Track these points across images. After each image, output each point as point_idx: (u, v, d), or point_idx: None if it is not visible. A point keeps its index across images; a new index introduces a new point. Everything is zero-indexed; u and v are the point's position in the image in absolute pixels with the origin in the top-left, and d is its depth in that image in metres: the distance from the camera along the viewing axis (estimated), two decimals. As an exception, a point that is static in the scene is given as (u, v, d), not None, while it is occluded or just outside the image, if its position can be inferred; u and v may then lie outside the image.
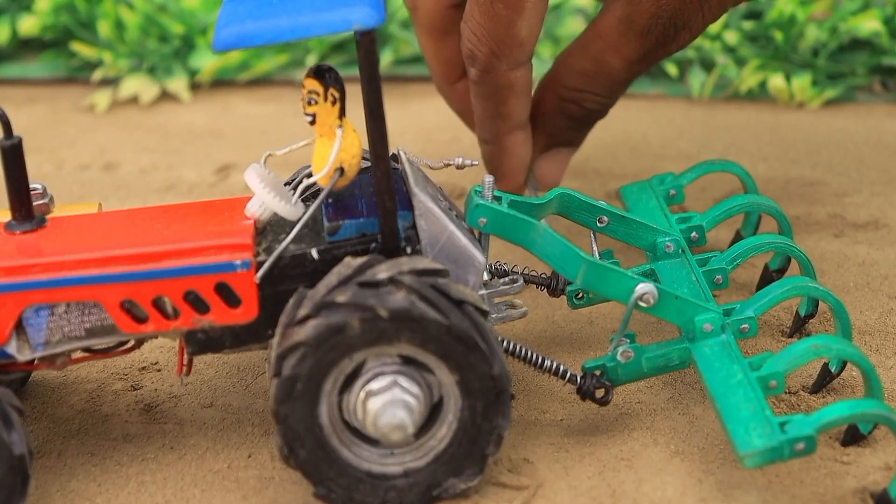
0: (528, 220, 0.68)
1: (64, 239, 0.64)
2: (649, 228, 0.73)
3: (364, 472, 0.62)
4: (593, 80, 0.78)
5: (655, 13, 0.74)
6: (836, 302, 0.69)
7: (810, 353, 0.65)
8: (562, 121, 0.80)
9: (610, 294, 0.67)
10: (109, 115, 1.12)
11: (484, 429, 0.62)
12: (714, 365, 0.65)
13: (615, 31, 0.75)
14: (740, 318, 0.67)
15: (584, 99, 0.79)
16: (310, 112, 0.62)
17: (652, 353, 0.67)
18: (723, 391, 0.63)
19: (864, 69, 1.06)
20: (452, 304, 0.60)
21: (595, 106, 0.79)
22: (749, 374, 0.64)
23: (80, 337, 0.63)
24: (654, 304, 0.66)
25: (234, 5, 0.60)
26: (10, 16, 1.21)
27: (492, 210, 0.68)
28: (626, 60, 0.76)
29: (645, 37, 0.75)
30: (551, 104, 0.80)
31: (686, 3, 0.74)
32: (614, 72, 0.77)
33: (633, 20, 0.75)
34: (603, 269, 0.67)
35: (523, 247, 0.69)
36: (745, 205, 0.77)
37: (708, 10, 0.75)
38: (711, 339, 0.67)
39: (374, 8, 0.58)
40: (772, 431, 0.60)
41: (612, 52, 0.76)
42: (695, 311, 0.67)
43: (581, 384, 0.66)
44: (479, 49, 0.75)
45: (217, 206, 0.66)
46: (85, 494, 0.66)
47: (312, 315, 0.60)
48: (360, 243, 0.63)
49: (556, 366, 0.67)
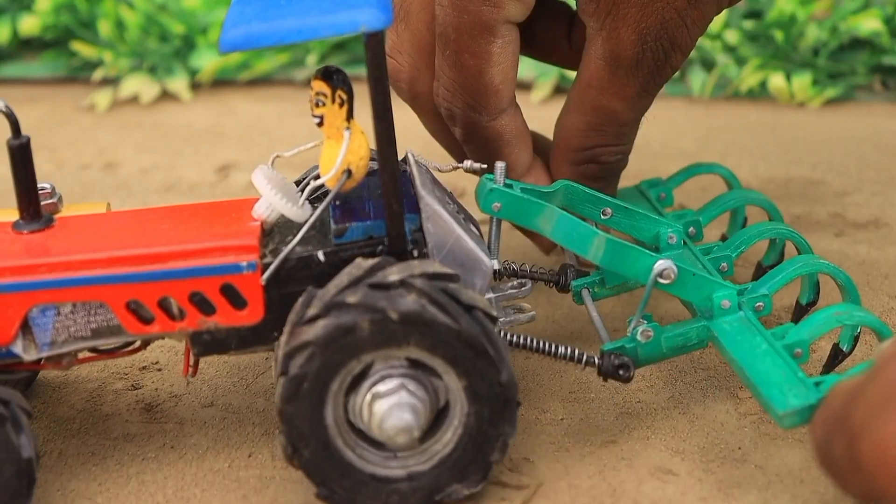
0: (541, 203, 0.68)
1: (71, 239, 0.64)
2: (652, 220, 0.73)
3: (367, 474, 0.62)
4: (601, 133, 0.74)
5: (638, 39, 0.70)
6: (846, 277, 0.69)
7: (832, 321, 0.65)
8: (586, 185, 0.74)
9: (628, 272, 0.67)
10: (110, 114, 1.12)
11: (489, 435, 0.62)
12: (737, 338, 0.65)
13: (605, 73, 0.72)
14: (755, 295, 0.68)
15: (599, 155, 0.75)
16: (317, 114, 0.61)
17: (671, 332, 0.67)
18: (751, 361, 0.64)
19: (865, 68, 1.06)
20: (462, 309, 0.60)
21: (613, 157, 0.75)
22: (774, 344, 0.64)
23: (86, 337, 0.63)
24: (674, 281, 0.66)
25: (241, 6, 0.60)
26: (10, 15, 1.21)
27: (506, 194, 0.68)
28: (625, 100, 0.72)
29: (636, 68, 0.71)
30: (568, 173, 0.75)
31: (667, 21, 0.70)
32: (618, 116, 0.73)
33: (618, 55, 0.71)
34: (621, 247, 0.66)
35: (537, 230, 0.69)
36: (738, 199, 0.78)
37: (691, 23, 0.71)
38: (729, 315, 0.67)
39: (382, 9, 0.58)
40: (807, 391, 0.61)
41: (609, 96, 0.72)
42: (712, 287, 0.67)
43: (601, 364, 0.66)
44: (454, 105, 0.72)
45: (224, 208, 0.66)
46: (85, 494, 0.66)
47: (322, 315, 0.60)
48: (366, 246, 0.63)
49: (572, 351, 0.66)
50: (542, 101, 1.09)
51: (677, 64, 0.72)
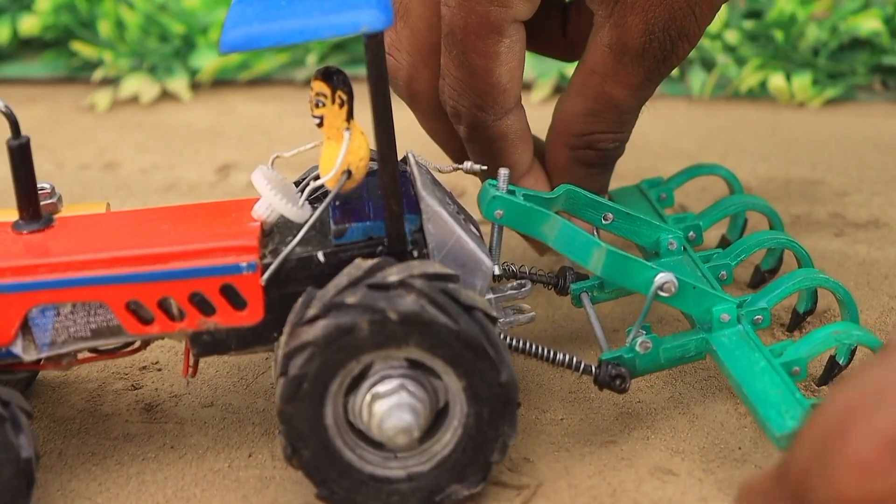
0: (544, 211, 0.68)
1: (71, 239, 0.64)
2: (653, 226, 0.73)
3: (367, 474, 0.62)
4: (601, 119, 0.73)
5: (646, 28, 0.70)
6: (845, 293, 0.69)
7: (831, 339, 0.65)
8: (580, 171, 0.75)
9: (629, 284, 0.67)
10: (110, 114, 1.12)
11: (489, 436, 0.62)
12: (735, 353, 0.65)
13: (609, 60, 0.71)
14: (754, 308, 0.68)
15: (597, 141, 0.74)
16: (317, 114, 0.61)
17: (669, 343, 0.67)
18: (748, 378, 0.64)
19: (865, 68, 1.06)
20: (462, 310, 0.60)
21: (610, 145, 0.75)
22: (772, 361, 0.64)
23: (86, 337, 0.63)
24: (674, 295, 0.66)
25: (242, 7, 0.60)
26: (10, 15, 1.21)
27: (508, 202, 0.68)
28: (628, 88, 0.72)
29: (642, 57, 0.71)
30: (564, 157, 0.75)
31: (675, 11, 0.70)
32: (620, 103, 0.73)
33: (625, 43, 0.70)
34: (623, 259, 0.66)
35: (539, 238, 0.69)
36: (739, 204, 0.78)
37: (699, 11, 0.70)
38: (728, 328, 0.67)
39: (382, 10, 0.58)
40: (805, 412, 0.61)
41: (611, 83, 0.72)
42: (712, 301, 0.67)
43: (597, 373, 0.66)
44: (461, 104, 0.72)
45: (224, 208, 0.66)
46: (85, 494, 0.66)
47: (321, 315, 0.60)
48: (366, 246, 0.63)
49: (570, 358, 0.67)
50: (542, 101, 1.09)
51: (683, 54, 0.72)
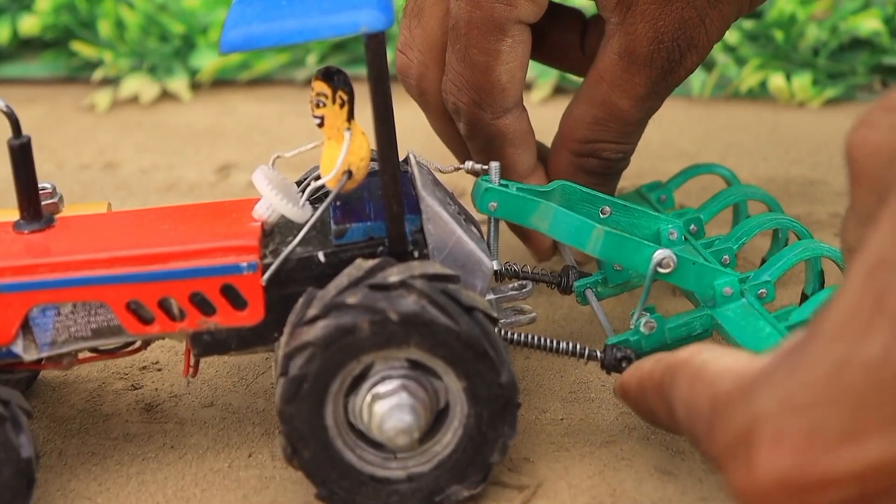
0: (537, 200, 0.68)
1: (71, 239, 0.64)
2: (652, 217, 0.73)
3: (367, 475, 0.62)
4: (605, 128, 0.74)
5: (655, 37, 0.70)
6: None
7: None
8: (582, 178, 0.75)
9: (627, 263, 0.67)
10: (110, 114, 1.12)
11: (489, 437, 0.62)
12: (741, 324, 0.65)
13: (617, 69, 0.71)
14: (757, 282, 0.68)
15: (600, 150, 0.74)
16: (318, 114, 0.61)
17: (674, 322, 0.67)
18: (756, 345, 0.64)
19: (865, 68, 1.06)
20: (463, 311, 0.60)
21: (614, 155, 0.75)
22: (779, 326, 0.64)
23: (87, 337, 0.63)
24: (673, 271, 0.66)
25: (242, 7, 0.60)
26: (10, 15, 1.21)
27: (501, 193, 0.68)
28: (634, 98, 0.72)
29: (649, 67, 0.71)
30: (567, 164, 0.75)
31: (685, 21, 0.70)
32: (625, 114, 0.73)
33: (634, 51, 0.71)
34: (620, 238, 0.66)
35: (534, 228, 0.69)
36: (738, 194, 0.78)
37: (710, 23, 0.71)
38: (732, 302, 0.67)
39: (382, 10, 0.58)
40: None
41: (618, 92, 0.72)
42: (713, 275, 0.67)
43: (603, 357, 0.66)
44: (460, 99, 0.72)
45: (225, 208, 0.66)
46: (85, 494, 0.66)
47: (322, 315, 0.59)
48: (367, 247, 0.63)
49: (573, 346, 0.66)
50: (542, 101, 1.09)
51: (692, 66, 0.72)
